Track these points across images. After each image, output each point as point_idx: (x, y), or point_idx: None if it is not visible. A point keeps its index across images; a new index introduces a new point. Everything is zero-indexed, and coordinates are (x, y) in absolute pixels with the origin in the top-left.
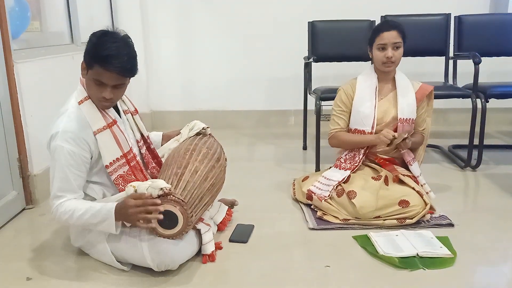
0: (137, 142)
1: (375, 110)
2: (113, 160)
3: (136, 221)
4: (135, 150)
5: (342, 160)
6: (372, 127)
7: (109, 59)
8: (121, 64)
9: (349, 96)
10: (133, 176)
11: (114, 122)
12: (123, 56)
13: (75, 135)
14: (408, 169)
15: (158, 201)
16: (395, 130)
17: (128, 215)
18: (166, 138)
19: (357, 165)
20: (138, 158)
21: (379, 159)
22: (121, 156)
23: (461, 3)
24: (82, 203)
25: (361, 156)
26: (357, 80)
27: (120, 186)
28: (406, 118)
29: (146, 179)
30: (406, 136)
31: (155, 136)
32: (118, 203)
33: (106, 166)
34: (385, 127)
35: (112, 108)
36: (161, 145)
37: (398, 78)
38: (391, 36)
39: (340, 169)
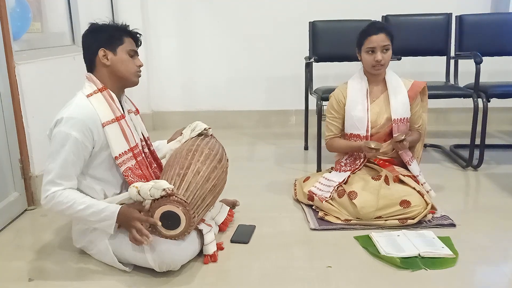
0: (140, 141)
1: (368, 113)
2: (122, 153)
3: (131, 230)
4: (140, 148)
5: (343, 164)
6: (367, 131)
7: (130, 29)
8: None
9: (340, 102)
10: (140, 171)
11: (123, 116)
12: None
13: (81, 122)
14: (407, 168)
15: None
16: (391, 131)
17: (129, 224)
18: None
19: (358, 168)
20: (143, 155)
21: (378, 160)
22: (128, 149)
23: (462, 3)
24: (82, 197)
25: (362, 160)
26: (348, 84)
27: (130, 178)
28: (400, 118)
29: (152, 176)
30: (403, 138)
31: (159, 145)
32: (123, 206)
33: (116, 158)
34: (380, 129)
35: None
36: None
37: (388, 79)
38: (379, 39)
39: (340, 172)
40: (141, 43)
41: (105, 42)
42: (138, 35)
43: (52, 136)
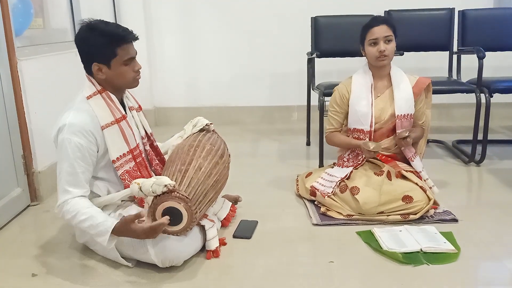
0: (142, 138)
1: (372, 108)
2: (120, 156)
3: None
4: (141, 147)
5: (345, 159)
6: (371, 126)
7: (124, 33)
8: (129, 31)
9: (343, 96)
10: (138, 172)
11: (124, 117)
12: (122, 26)
13: (82, 128)
14: (410, 164)
15: (165, 222)
16: (394, 127)
17: (137, 236)
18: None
19: (360, 163)
20: (143, 155)
21: (381, 156)
22: (127, 152)
23: None
24: (86, 207)
25: (364, 156)
26: (352, 79)
27: (126, 181)
28: (404, 114)
29: (151, 176)
30: (406, 134)
31: (165, 145)
32: (118, 224)
33: (113, 161)
34: (383, 124)
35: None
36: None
37: (393, 74)
38: (381, 30)
39: (343, 167)
40: (137, 37)
41: (97, 57)
42: (133, 35)
43: (57, 144)
